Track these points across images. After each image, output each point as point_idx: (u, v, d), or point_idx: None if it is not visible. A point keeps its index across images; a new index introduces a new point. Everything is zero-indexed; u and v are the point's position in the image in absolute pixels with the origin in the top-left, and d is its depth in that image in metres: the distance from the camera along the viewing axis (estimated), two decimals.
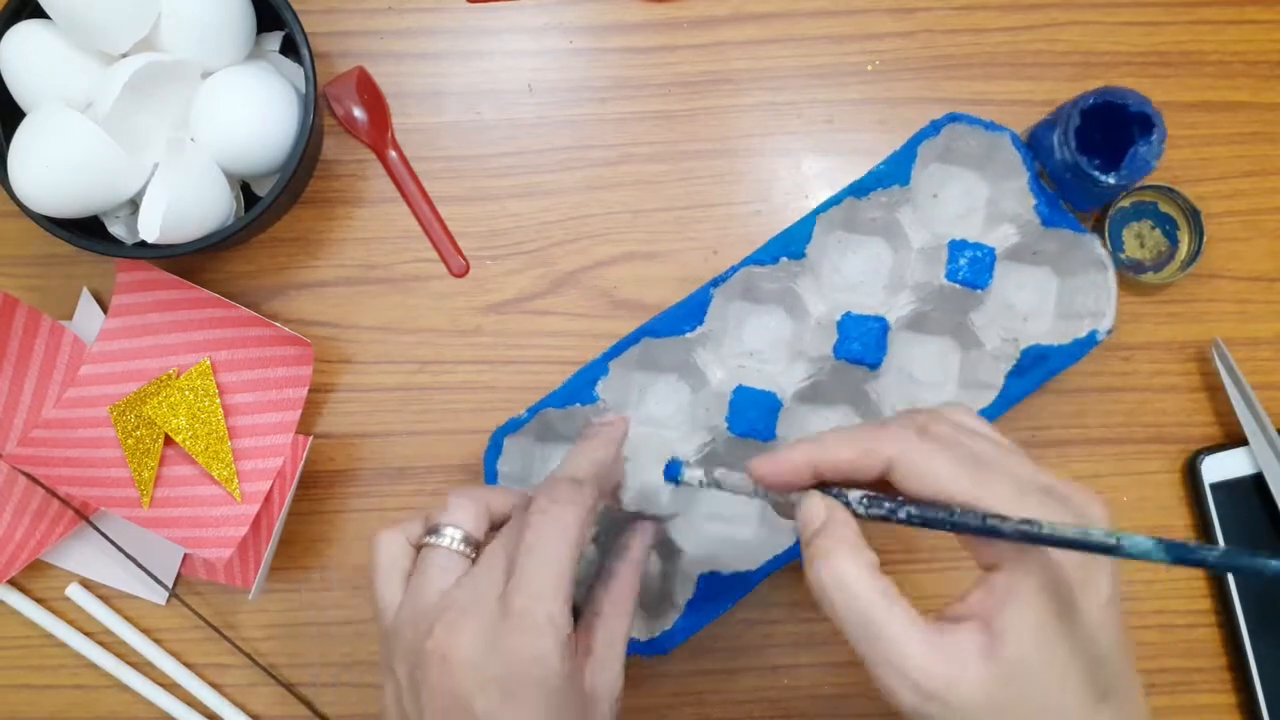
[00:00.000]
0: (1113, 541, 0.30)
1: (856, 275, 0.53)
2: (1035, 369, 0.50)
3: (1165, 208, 0.54)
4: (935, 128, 0.50)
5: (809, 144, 0.55)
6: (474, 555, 0.39)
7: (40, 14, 0.48)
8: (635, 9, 0.56)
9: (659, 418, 0.52)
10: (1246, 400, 0.52)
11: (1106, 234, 0.53)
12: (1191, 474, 0.54)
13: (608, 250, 0.55)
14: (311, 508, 0.54)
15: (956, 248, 0.49)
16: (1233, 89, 0.55)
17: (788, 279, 0.50)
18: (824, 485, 0.36)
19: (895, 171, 0.50)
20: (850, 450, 0.35)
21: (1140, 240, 0.54)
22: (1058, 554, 0.32)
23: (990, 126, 0.50)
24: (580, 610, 0.41)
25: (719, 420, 0.48)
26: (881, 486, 0.35)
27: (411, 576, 0.38)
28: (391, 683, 0.37)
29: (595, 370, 0.49)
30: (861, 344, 0.48)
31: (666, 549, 0.50)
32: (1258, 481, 0.53)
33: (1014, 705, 0.31)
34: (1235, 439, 0.54)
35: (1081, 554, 0.32)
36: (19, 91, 0.48)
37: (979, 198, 0.53)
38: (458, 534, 0.38)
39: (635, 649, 0.49)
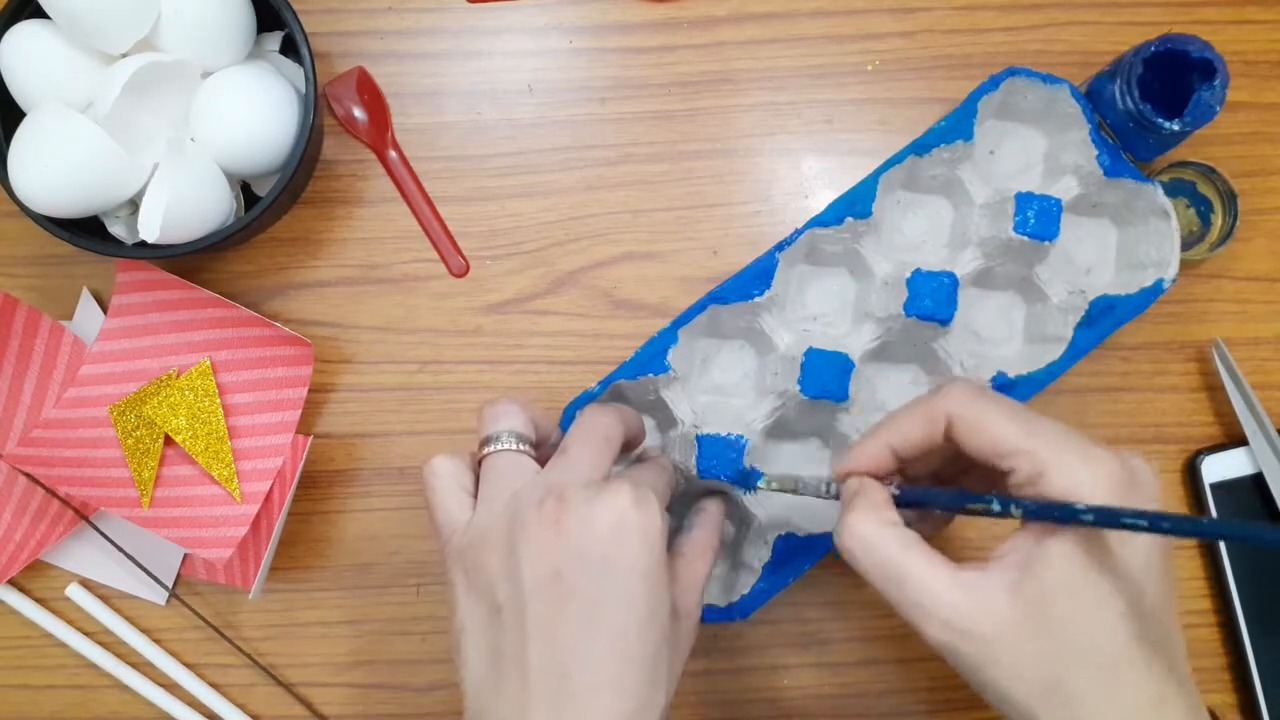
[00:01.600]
0: (1144, 523, 0.31)
1: (919, 234, 0.53)
2: (1103, 319, 0.50)
3: (1203, 188, 0.55)
4: (994, 82, 0.50)
5: (809, 144, 0.55)
6: (535, 456, 0.39)
7: (40, 14, 0.48)
8: (635, 9, 0.56)
9: (725, 386, 0.52)
10: (1247, 400, 0.53)
11: None
12: (1192, 474, 0.54)
13: (608, 250, 0.55)
14: (312, 508, 0.54)
15: (1024, 200, 0.49)
16: (1233, 89, 0.55)
17: (852, 240, 0.50)
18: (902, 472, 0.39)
19: (957, 127, 0.50)
20: (914, 420, 0.37)
21: None
22: (1098, 490, 0.33)
23: (1049, 79, 0.51)
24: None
25: (788, 385, 0.48)
26: (952, 474, 0.38)
27: (482, 485, 0.39)
28: (474, 589, 0.36)
29: (665, 339, 0.49)
30: (933, 300, 0.48)
31: (740, 516, 0.50)
32: (1258, 481, 0.53)
33: (1040, 639, 0.32)
34: (1235, 439, 0.54)
35: (1130, 487, 0.33)
36: (19, 91, 0.48)
37: (1036, 153, 0.53)
38: (514, 437, 0.39)
39: (715, 615, 0.49)
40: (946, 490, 0.37)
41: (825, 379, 0.48)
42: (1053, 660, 0.32)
